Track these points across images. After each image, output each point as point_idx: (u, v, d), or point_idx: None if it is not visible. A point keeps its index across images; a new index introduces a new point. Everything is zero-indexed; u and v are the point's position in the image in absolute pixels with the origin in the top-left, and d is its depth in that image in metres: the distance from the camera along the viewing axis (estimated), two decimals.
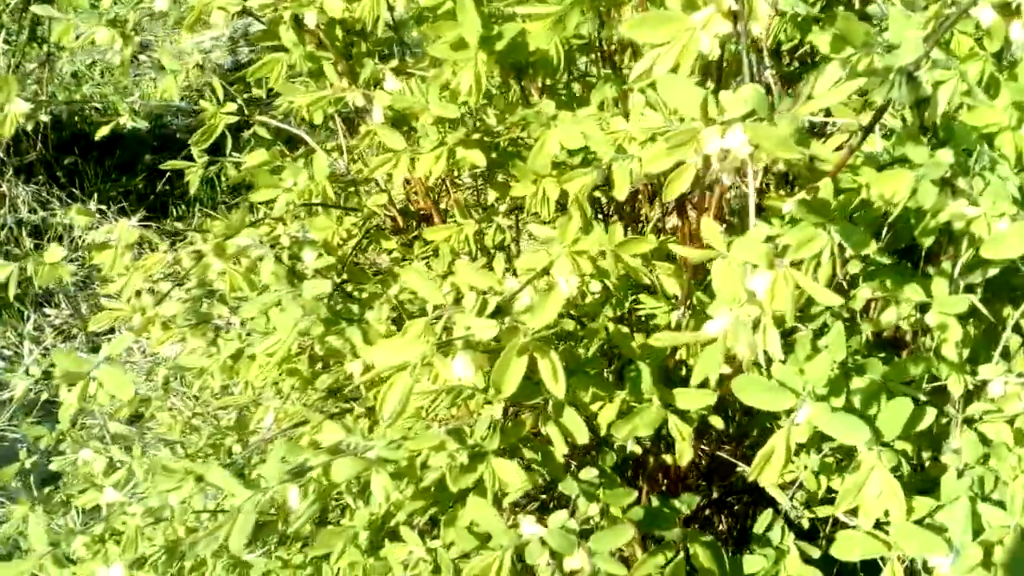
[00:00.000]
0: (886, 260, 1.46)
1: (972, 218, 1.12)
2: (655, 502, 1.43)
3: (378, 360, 1.07)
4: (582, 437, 1.29)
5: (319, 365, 1.66)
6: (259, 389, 1.86)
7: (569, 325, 1.55)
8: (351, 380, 1.47)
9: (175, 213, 4.33)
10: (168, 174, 4.36)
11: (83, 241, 4.02)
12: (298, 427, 1.63)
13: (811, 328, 1.38)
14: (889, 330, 1.61)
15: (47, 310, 3.93)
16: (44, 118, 3.82)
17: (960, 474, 1.25)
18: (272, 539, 2.03)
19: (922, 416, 1.24)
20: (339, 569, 1.56)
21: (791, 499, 1.50)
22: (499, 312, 1.13)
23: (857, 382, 1.30)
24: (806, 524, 1.51)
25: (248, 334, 1.71)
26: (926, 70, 1.06)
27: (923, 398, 1.30)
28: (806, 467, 1.49)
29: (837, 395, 1.26)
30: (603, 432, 1.33)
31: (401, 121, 1.71)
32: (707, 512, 1.73)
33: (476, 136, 1.61)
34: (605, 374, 1.41)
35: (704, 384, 1.36)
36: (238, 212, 1.52)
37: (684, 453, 1.31)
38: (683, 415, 1.35)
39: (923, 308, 1.34)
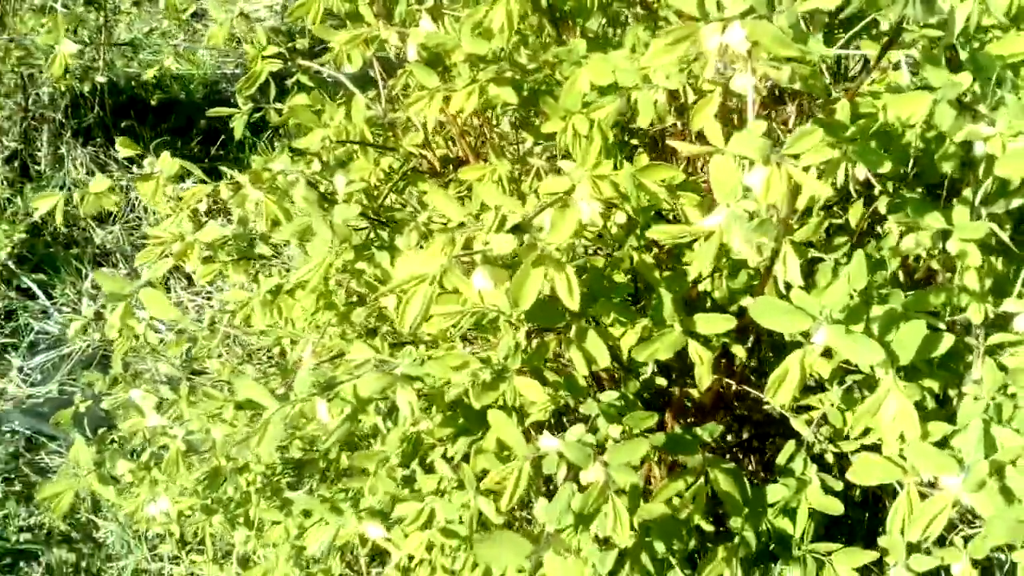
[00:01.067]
0: (912, 195, 1.47)
1: (988, 137, 1.12)
2: (678, 430, 1.45)
3: (400, 272, 1.11)
4: (603, 360, 1.31)
5: (355, 299, 1.71)
6: (299, 328, 1.91)
7: (599, 262, 1.58)
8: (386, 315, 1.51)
9: (228, 176, 4.40)
10: (222, 138, 4.45)
11: (138, 201, 4.13)
12: (335, 359, 1.68)
13: (833, 258, 1.39)
14: (922, 271, 1.62)
15: (104, 269, 4.02)
16: (101, 79, 3.91)
17: (977, 399, 1.26)
18: (314, 478, 2.09)
19: (938, 342, 1.25)
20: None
21: (816, 434, 1.52)
22: (519, 230, 1.16)
23: (877, 310, 1.31)
24: (830, 459, 1.53)
25: (288, 271, 1.76)
26: None
27: (942, 326, 1.31)
28: (832, 404, 1.50)
29: (856, 322, 1.28)
30: (625, 358, 1.35)
31: (436, 61, 1.74)
32: (734, 450, 1.75)
33: (508, 74, 1.63)
34: (630, 305, 1.43)
35: (724, 309, 1.38)
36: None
37: (704, 378, 1.34)
38: (705, 342, 1.37)
39: (947, 236, 1.34)
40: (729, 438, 1.73)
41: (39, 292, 3.75)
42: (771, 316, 1.23)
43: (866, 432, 1.38)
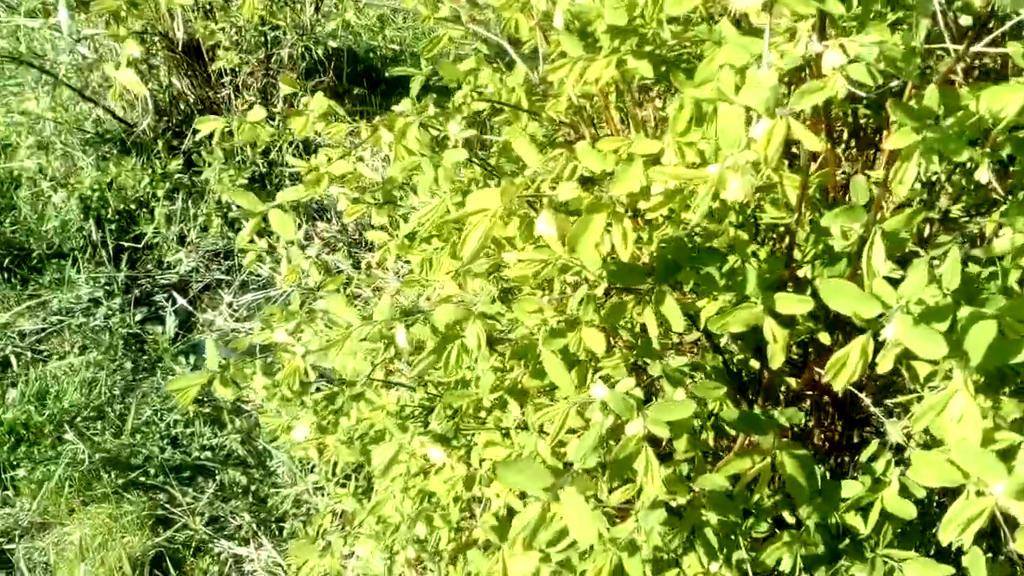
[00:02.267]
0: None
1: None
2: (757, 411, 1.45)
3: (469, 205, 1.18)
4: (678, 324, 1.33)
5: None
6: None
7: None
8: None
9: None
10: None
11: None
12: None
13: (930, 254, 1.35)
14: None
15: (319, 223, 4.29)
16: (333, 44, 4.16)
17: None
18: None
19: (1018, 348, 1.20)
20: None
21: (908, 438, 1.48)
22: (590, 182, 1.21)
23: (965, 311, 1.26)
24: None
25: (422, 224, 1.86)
26: None
27: None
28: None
29: (941, 319, 1.24)
30: (702, 325, 1.37)
31: (585, 31, 1.79)
32: (832, 449, 1.72)
33: (649, 48, 1.67)
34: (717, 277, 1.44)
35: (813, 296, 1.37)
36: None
37: (776, 356, 1.33)
38: (789, 323, 1.36)
39: None
40: (816, 431, 1.69)
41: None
42: (841, 299, 1.22)
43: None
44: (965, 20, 1.17)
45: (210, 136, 1.72)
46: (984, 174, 1.37)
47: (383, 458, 1.53)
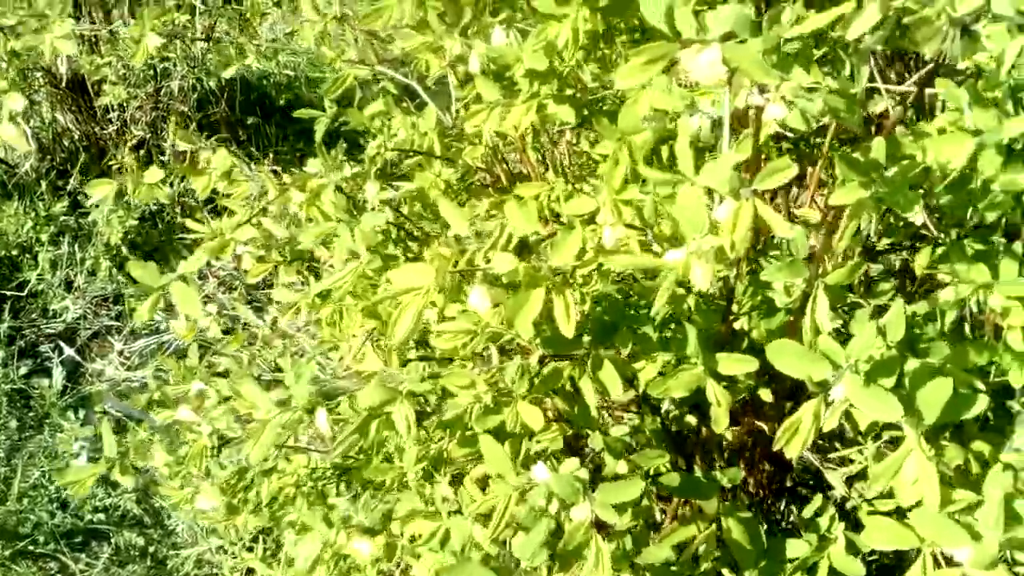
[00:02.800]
0: (977, 245, 1.38)
1: None
2: (699, 473, 1.39)
3: (397, 283, 1.09)
4: (615, 391, 1.27)
5: None
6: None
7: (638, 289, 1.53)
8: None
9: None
10: (341, 142, 4.53)
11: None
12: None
13: (874, 304, 1.31)
14: (989, 324, 1.51)
15: (212, 261, 4.11)
16: (226, 74, 4.03)
17: (1007, 468, 1.16)
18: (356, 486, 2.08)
19: (971, 403, 1.16)
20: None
21: (850, 490, 1.43)
22: (526, 250, 1.13)
23: (912, 363, 1.23)
24: (864, 517, 1.44)
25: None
26: (986, 23, 1.00)
27: (981, 386, 1.22)
28: (868, 458, 1.41)
29: (888, 375, 1.20)
30: (642, 390, 1.31)
31: (502, 75, 1.72)
32: (763, 492, 1.67)
33: (569, 92, 1.60)
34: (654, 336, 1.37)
35: (760, 351, 1.32)
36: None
37: (720, 420, 1.27)
38: (731, 382, 1.31)
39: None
40: (751, 484, 1.64)
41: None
42: (789, 360, 1.16)
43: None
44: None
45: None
46: (919, 216, 1.34)
47: (306, 555, 1.43)
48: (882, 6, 0.95)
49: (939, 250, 1.38)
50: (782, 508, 1.66)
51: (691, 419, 1.46)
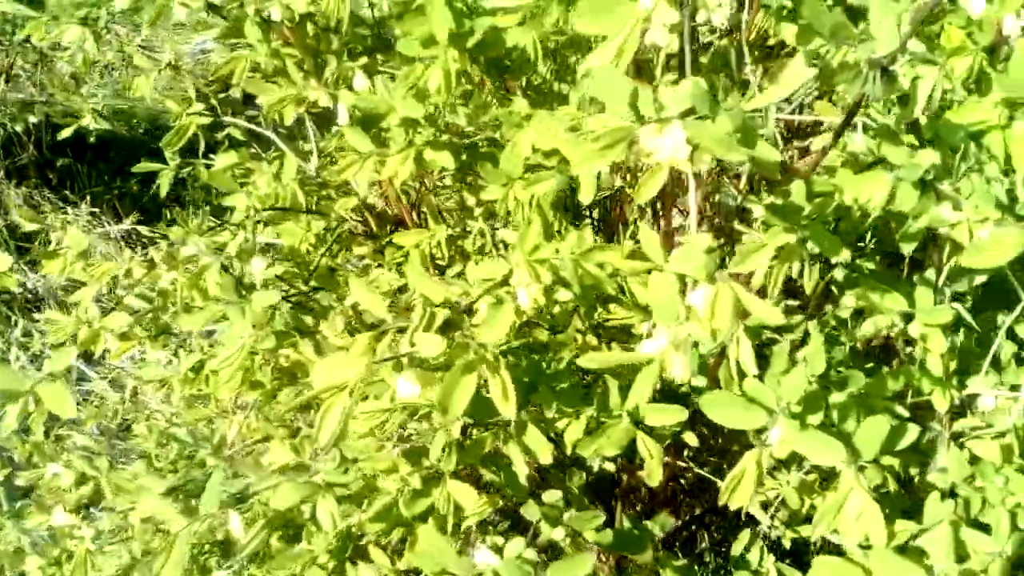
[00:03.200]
0: (871, 266, 1.39)
1: (954, 223, 1.04)
2: (627, 524, 1.36)
3: (318, 379, 1.01)
4: (545, 456, 1.22)
5: (286, 378, 1.60)
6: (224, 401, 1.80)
7: (542, 335, 1.48)
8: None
9: (169, 216, 4.27)
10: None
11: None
12: (261, 443, 1.57)
13: (789, 339, 1.31)
14: (879, 338, 1.53)
15: (36, 315, 3.86)
16: (34, 119, 3.77)
17: (944, 496, 1.17)
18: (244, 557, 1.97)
19: (903, 434, 1.16)
20: None
21: (772, 518, 1.43)
22: (451, 327, 1.06)
23: (836, 397, 1.22)
24: (788, 544, 1.44)
25: (211, 345, 1.64)
26: (904, 64, 0.99)
27: (905, 413, 1.23)
28: (787, 483, 1.41)
29: (814, 411, 1.19)
30: (570, 451, 1.26)
31: (371, 122, 1.64)
32: (688, 532, 1.66)
33: (446, 137, 1.54)
34: (574, 389, 1.33)
35: (677, 399, 1.29)
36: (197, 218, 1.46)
37: (654, 473, 1.24)
38: (654, 432, 1.27)
39: (909, 317, 1.26)
40: (681, 527, 1.63)
41: None
42: (723, 410, 1.14)
43: None
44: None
45: None
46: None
47: None
48: (807, 59, 0.92)
49: (839, 273, 1.38)
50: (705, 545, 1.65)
51: (609, 466, 1.42)
